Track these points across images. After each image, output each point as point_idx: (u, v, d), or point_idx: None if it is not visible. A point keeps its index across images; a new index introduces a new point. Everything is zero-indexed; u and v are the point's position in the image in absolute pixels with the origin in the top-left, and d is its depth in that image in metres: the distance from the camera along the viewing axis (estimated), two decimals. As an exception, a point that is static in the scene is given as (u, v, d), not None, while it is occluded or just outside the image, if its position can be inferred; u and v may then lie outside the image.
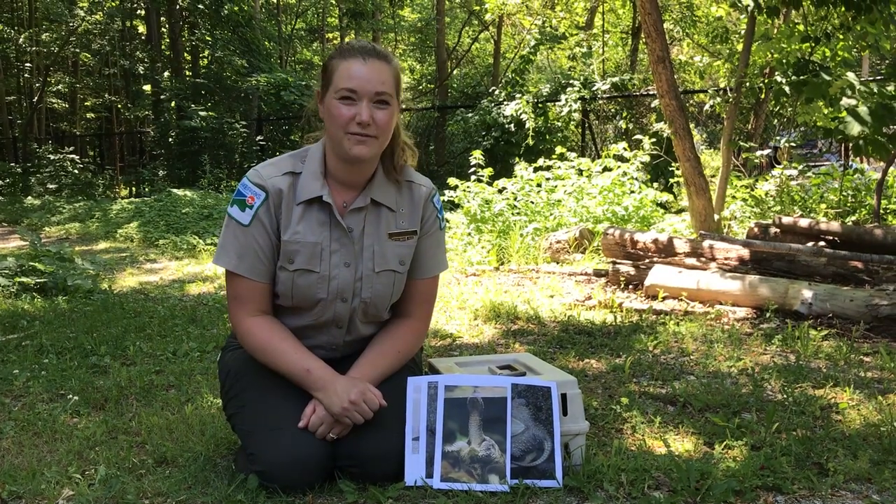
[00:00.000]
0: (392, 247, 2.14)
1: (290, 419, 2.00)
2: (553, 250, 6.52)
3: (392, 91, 2.03)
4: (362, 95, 1.99)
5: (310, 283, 2.09)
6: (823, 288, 4.18)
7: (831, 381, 3.00)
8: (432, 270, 2.25)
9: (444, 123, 16.84)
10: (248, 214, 2.06)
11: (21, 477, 2.15)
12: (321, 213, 2.09)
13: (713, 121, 12.34)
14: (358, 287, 2.12)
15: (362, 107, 1.99)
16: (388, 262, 2.14)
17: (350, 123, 1.99)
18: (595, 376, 3.19)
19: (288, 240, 2.07)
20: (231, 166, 16.10)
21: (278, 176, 2.09)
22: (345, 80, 1.99)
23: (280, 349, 2.06)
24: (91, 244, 9.90)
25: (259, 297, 2.10)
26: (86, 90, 26.06)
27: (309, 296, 2.10)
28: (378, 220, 2.14)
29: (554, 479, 1.98)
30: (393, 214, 2.15)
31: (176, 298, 5.36)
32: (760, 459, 2.15)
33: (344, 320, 2.16)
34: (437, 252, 2.26)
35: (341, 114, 2.00)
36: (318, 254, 2.08)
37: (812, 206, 7.04)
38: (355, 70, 1.99)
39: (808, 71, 5.57)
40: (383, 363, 2.13)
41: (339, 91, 2.00)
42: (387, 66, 2.03)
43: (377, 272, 2.13)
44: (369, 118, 1.99)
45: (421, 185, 2.21)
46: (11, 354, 3.70)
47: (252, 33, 17.35)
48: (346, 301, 2.13)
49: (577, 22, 16.38)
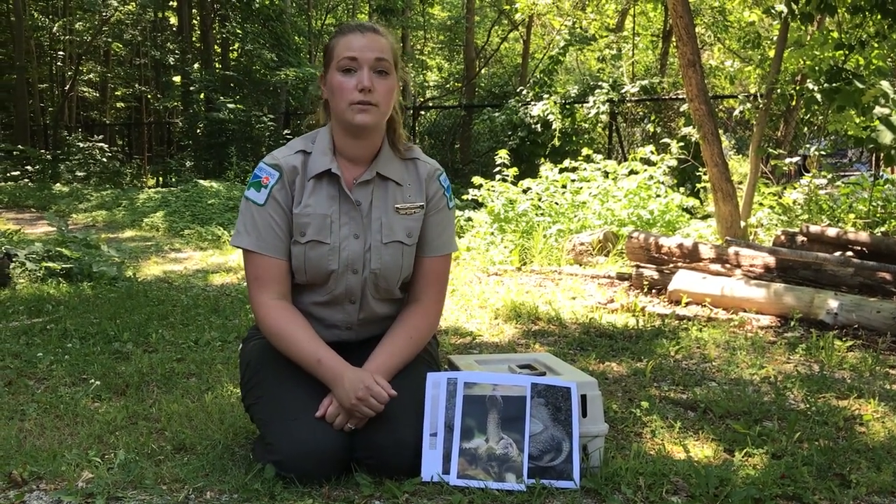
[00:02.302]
0: (399, 219, 2.17)
1: (307, 410, 2.00)
2: (576, 252, 6.49)
3: (391, 61, 2.10)
4: (363, 63, 2.06)
5: (321, 254, 2.12)
6: (850, 298, 4.12)
7: (856, 393, 2.96)
8: (440, 249, 2.25)
9: (471, 122, 16.83)
10: (264, 194, 2.11)
11: (42, 458, 2.17)
12: (331, 186, 2.14)
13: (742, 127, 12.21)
14: (367, 258, 2.14)
15: (363, 74, 2.05)
16: (396, 234, 2.17)
17: (352, 92, 2.05)
18: (615, 379, 3.17)
19: (299, 212, 2.11)
20: (257, 159, 16.08)
21: (291, 154, 2.16)
22: (345, 51, 2.07)
23: (294, 337, 2.07)
24: (117, 232, 9.99)
25: (278, 276, 2.12)
26: (116, 80, 26.31)
27: (321, 267, 2.12)
28: (385, 194, 2.18)
29: (571, 480, 1.97)
30: (399, 189, 2.19)
31: (199, 288, 5.40)
32: (781, 468, 2.13)
33: (356, 294, 2.17)
34: (444, 230, 2.26)
35: (342, 85, 2.07)
36: (328, 225, 2.12)
37: (840, 216, 6.96)
38: (354, 41, 2.08)
39: (841, 78, 5.49)
40: (397, 352, 2.13)
41: (340, 62, 2.07)
42: (384, 38, 2.11)
43: (385, 243, 2.15)
44: (370, 83, 2.05)
45: (426, 162, 2.25)
46: (36, 338, 3.74)
47: (282, 27, 17.43)
48: (357, 272, 2.15)
49: (608, 24, 16.32)
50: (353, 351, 2.17)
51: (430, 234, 2.23)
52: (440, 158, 16.48)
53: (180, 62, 20.04)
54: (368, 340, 2.22)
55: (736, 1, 11.55)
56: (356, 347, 2.22)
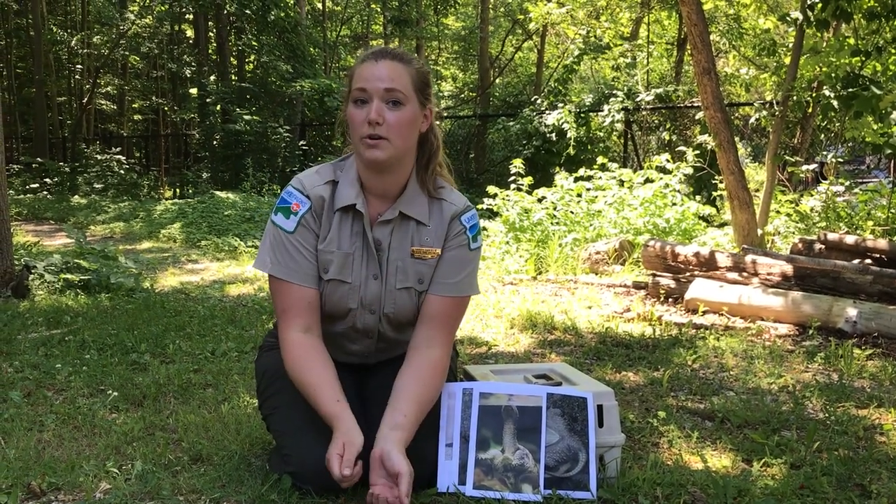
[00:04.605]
0: (412, 263, 2.10)
1: (323, 422, 2.00)
2: (592, 261, 6.47)
3: (406, 91, 1.98)
4: (372, 94, 1.95)
5: (342, 293, 2.08)
6: (869, 306, 4.09)
7: (875, 402, 2.93)
8: (450, 289, 2.10)
9: (485, 132, 16.84)
10: (293, 221, 2.05)
11: (60, 469, 2.18)
12: (356, 222, 2.07)
13: (758, 134, 12.16)
14: (384, 300, 2.10)
15: (372, 106, 1.95)
16: (409, 279, 2.10)
17: (363, 125, 1.96)
18: (632, 389, 3.15)
19: (324, 248, 2.06)
20: (274, 170, 16.26)
21: (321, 185, 2.08)
22: (357, 81, 1.98)
23: (315, 382, 1.98)
24: (134, 243, 10.06)
25: (306, 306, 2.05)
26: (134, 92, 26.57)
27: (341, 305, 2.10)
28: (405, 235, 2.09)
29: (588, 491, 1.96)
30: (420, 228, 2.10)
31: (216, 299, 5.42)
32: (800, 478, 2.11)
33: (374, 331, 2.16)
34: (460, 270, 2.11)
35: (353, 117, 1.98)
36: (350, 264, 2.07)
37: (858, 223, 6.90)
38: (366, 70, 1.97)
39: (858, 85, 5.47)
40: (414, 420, 1.95)
41: (353, 93, 1.99)
42: (401, 65, 1.99)
43: (398, 288, 2.09)
44: (378, 115, 1.94)
45: (452, 203, 2.12)
46: (55, 349, 3.77)
47: (297, 39, 17.53)
48: (374, 313, 2.12)
49: (622, 32, 16.29)
50: (371, 370, 2.17)
51: (441, 272, 2.10)
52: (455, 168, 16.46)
53: (197, 74, 20.22)
54: (386, 361, 2.22)
55: (751, 8, 11.51)
56: (373, 366, 2.25)
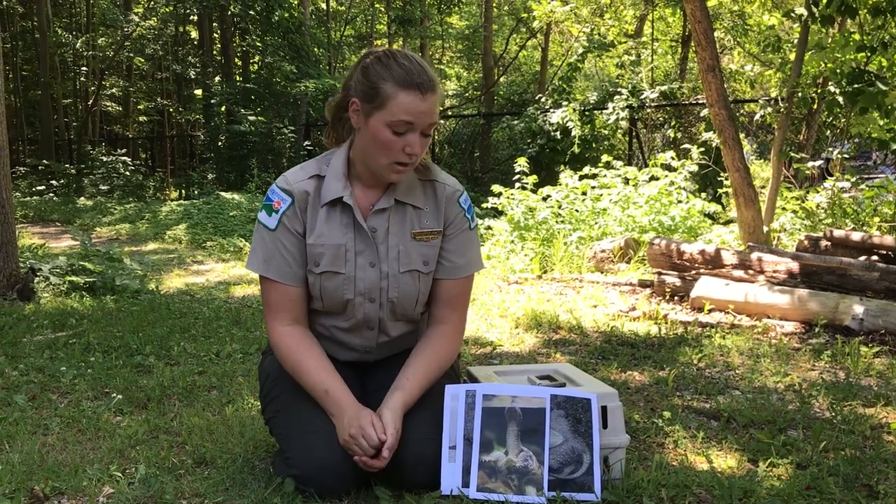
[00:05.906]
0: (416, 246, 2.12)
1: (325, 424, 2.00)
2: (597, 259, 6.46)
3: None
4: (417, 128, 1.97)
5: (336, 284, 2.09)
6: (876, 303, 4.07)
7: (883, 400, 2.91)
8: (462, 271, 2.18)
9: (490, 131, 16.83)
10: (275, 219, 2.09)
11: (64, 473, 2.18)
12: (344, 214, 2.09)
13: (763, 131, 12.12)
14: (384, 286, 2.11)
15: (414, 139, 1.97)
16: (413, 262, 2.12)
17: (398, 154, 1.98)
18: (637, 389, 3.14)
19: (313, 242, 2.08)
20: (279, 171, 16.26)
21: (304, 180, 2.10)
22: (403, 114, 1.94)
23: (304, 366, 2.05)
24: (140, 245, 10.08)
25: (290, 303, 2.10)
26: (139, 94, 26.61)
27: (337, 297, 2.10)
28: (403, 220, 2.12)
29: (592, 493, 1.95)
30: (418, 212, 2.13)
31: (221, 300, 5.43)
32: (807, 479, 2.09)
33: (374, 321, 2.15)
34: (466, 252, 2.18)
35: (390, 144, 1.97)
36: (343, 255, 2.08)
37: (865, 220, 6.87)
38: (414, 104, 1.94)
39: (863, 81, 5.44)
40: (417, 385, 2.05)
41: (394, 122, 1.95)
42: (438, 94, 2.00)
43: (402, 272, 2.11)
44: (420, 149, 1.99)
45: (445, 183, 2.16)
46: (60, 352, 3.77)
47: (301, 39, 17.53)
48: (375, 301, 2.12)
49: (626, 30, 16.25)
50: (370, 370, 2.16)
51: (451, 257, 2.16)
52: (459, 167, 16.50)
53: (201, 76, 20.22)
54: (386, 359, 2.22)
55: (755, 4, 11.47)
56: (373, 365, 2.23)
